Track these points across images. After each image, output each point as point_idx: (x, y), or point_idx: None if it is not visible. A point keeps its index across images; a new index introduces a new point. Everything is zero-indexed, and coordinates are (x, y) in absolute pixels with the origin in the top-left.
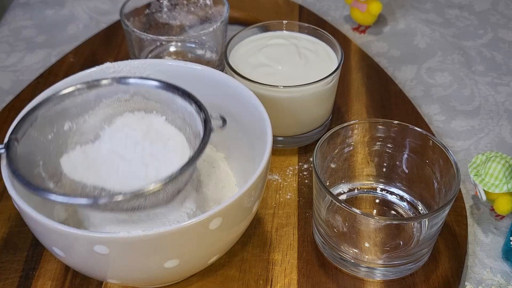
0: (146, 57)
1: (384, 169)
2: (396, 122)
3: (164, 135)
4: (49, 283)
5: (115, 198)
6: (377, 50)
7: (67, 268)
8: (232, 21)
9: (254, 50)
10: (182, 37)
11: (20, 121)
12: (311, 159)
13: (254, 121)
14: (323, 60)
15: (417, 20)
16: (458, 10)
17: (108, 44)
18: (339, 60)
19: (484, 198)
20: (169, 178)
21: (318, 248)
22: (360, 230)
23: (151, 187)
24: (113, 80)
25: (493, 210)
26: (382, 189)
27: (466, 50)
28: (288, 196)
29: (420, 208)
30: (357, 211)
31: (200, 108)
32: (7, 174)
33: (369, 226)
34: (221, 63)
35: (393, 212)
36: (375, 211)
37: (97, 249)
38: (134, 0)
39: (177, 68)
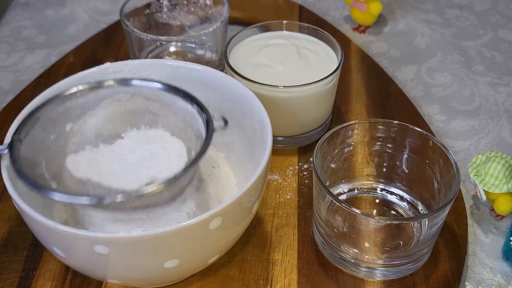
0: (146, 57)
1: (384, 169)
2: (396, 122)
3: (164, 139)
4: (49, 283)
5: (119, 198)
6: (377, 50)
7: (67, 268)
8: (232, 21)
9: (254, 50)
10: (182, 37)
11: (23, 121)
12: (311, 159)
13: (254, 121)
14: (323, 60)
15: (417, 20)
16: (458, 10)
17: (108, 44)
18: (339, 60)
19: (484, 198)
20: (173, 178)
21: (318, 248)
22: (360, 230)
23: (155, 187)
24: (114, 82)
25: (493, 210)
26: (382, 189)
27: (466, 50)
28: (288, 196)
29: (420, 208)
30: (357, 211)
31: (202, 109)
32: (7, 174)
33: (369, 226)
34: (221, 63)
35: (393, 212)
36: (375, 211)
37: (97, 249)
38: (134, 0)
39: (177, 68)
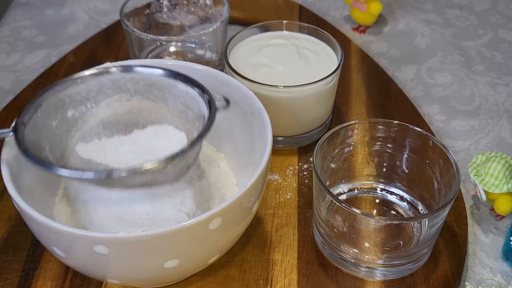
0: (146, 57)
1: (384, 169)
2: (396, 122)
3: (166, 131)
4: (49, 283)
5: (125, 172)
6: (377, 50)
7: (67, 268)
8: (232, 21)
9: (254, 50)
10: (182, 37)
11: (26, 106)
12: (311, 159)
13: (254, 121)
14: (323, 60)
15: (417, 20)
16: (458, 10)
17: (108, 44)
18: (339, 60)
19: (484, 198)
20: (179, 152)
21: (318, 248)
22: (360, 230)
23: (161, 161)
24: (116, 69)
25: (493, 210)
26: (382, 189)
27: (466, 50)
28: (288, 196)
29: (420, 208)
30: (357, 211)
31: (203, 90)
32: (7, 174)
33: (369, 226)
34: (221, 63)
35: (393, 212)
36: (375, 211)
37: (97, 249)
38: (134, 0)
39: (177, 68)
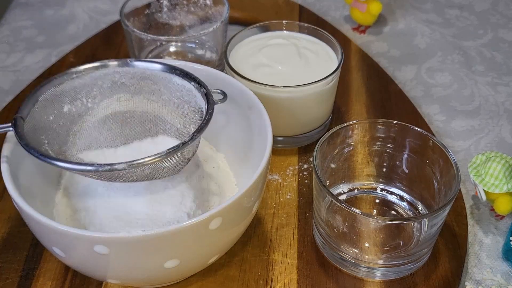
0: (146, 57)
1: (384, 169)
2: (396, 122)
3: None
4: (49, 283)
5: (125, 165)
6: (377, 50)
7: (67, 268)
8: (232, 21)
9: (254, 50)
10: (182, 37)
11: (24, 101)
12: (311, 159)
13: (254, 121)
14: (323, 60)
15: (417, 20)
16: (458, 10)
17: (108, 44)
18: (339, 60)
19: (484, 198)
20: (180, 144)
21: (318, 248)
22: (360, 230)
23: (162, 153)
24: (112, 63)
25: (493, 210)
26: (382, 189)
27: (466, 50)
28: (288, 196)
29: (420, 208)
30: (357, 211)
31: (200, 84)
32: (7, 174)
33: (369, 226)
34: (221, 63)
35: (393, 212)
36: (375, 211)
37: (97, 249)
38: (134, 0)
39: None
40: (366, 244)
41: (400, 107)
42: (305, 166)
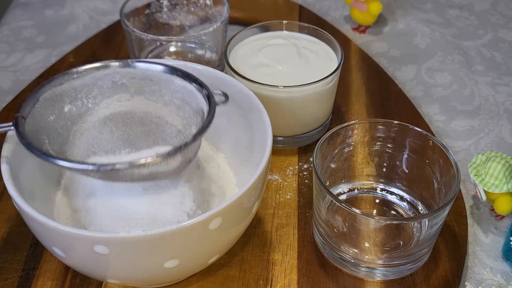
0: (146, 57)
1: (384, 169)
2: (396, 122)
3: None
4: (49, 283)
5: (126, 165)
6: (377, 50)
7: (67, 268)
8: (232, 21)
9: (254, 50)
10: (182, 37)
11: (24, 101)
12: (311, 159)
13: (254, 121)
14: (323, 60)
15: (417, 20)
16: (458, 10)
17: (108, 44)
18: (339, 60)
19: (484, 198)
20: (181, 145)
21: (318, 248)
22: (360, 230)
23: (163, 154)
24: (114, 63)
25: (493, 210)
26: (382, 189)
27: (466, 50)
28: (288, 196)
29: (420, 208)
30: (357, 211)
31: (201, 85)
32: (7, 174)
33: (369, 226)
34: (221, 63)
35: (393, 212)
36: (375, 211)
37: (97, 249)
38: (134, 0)
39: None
40: (366, 244)
41: (400, 107)
42: (305, 166)
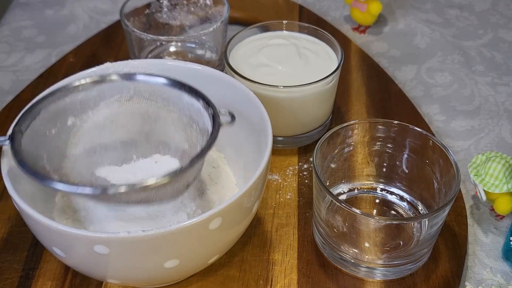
0: (146, 57)
1: (384, 169)
2: (396, 122)
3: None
4: (49, 283)
5: (123, 189)
6: (377, 50)
7: (67, 268)
8: (232, 21)
9: (254, 50)
10: (182, 37)
11: (23, 114)
12: (311, 159)
13: (254, 121)
14: (323, 60)
15: (417, 20)
16: (458, 10)
17: (108, 44)
18: (339, 60)
19: (484, 198)
20: (179, 170)
21: (318, 248)
22: (360, 230)
23: (161, 178)
24: (118, 76)
25: (493, 210)
26: (382, 189)
27: (466, 50)
28: (288, 196)
29: (420, 208)
30: (357, 211)
31: (208, 104)
32: (7, 174)
33: (369, 226)
34: (221, 63)
35: (393, 212)
36: (375, 211)
37: (97, 249)
38: (134, 0)
39: (177, 68)
40: (366, 244)
41: (400, 107)
42: (305, 166)
